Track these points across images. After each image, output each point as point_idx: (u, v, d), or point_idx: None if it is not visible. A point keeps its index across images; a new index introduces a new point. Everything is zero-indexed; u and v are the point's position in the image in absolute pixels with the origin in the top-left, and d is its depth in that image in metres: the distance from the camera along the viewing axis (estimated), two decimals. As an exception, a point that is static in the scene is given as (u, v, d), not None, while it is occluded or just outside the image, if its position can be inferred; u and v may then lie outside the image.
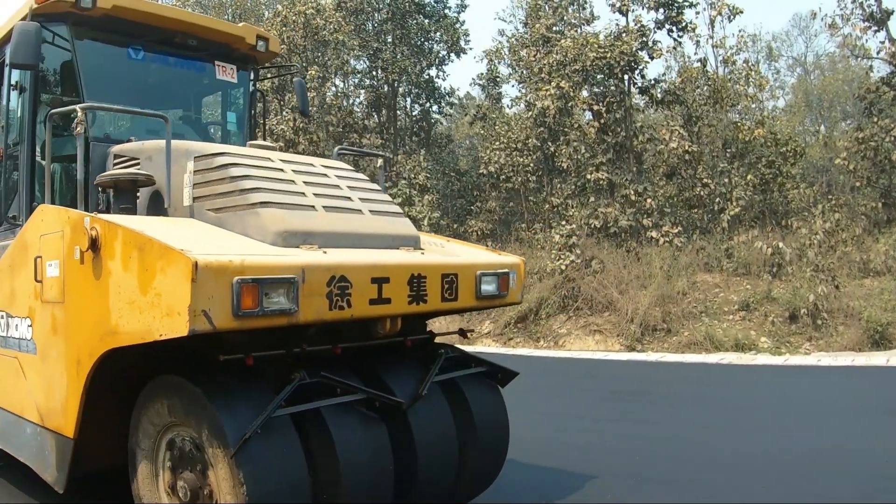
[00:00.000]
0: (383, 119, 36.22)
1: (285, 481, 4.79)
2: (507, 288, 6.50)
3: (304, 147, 29.77)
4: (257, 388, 5.02)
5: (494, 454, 6.70)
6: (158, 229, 4.81)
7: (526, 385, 14.31)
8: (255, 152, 6.16)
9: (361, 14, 34.53)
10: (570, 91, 25.40)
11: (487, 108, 33.47)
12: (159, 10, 7.90)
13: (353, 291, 5.00)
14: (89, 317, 5.12)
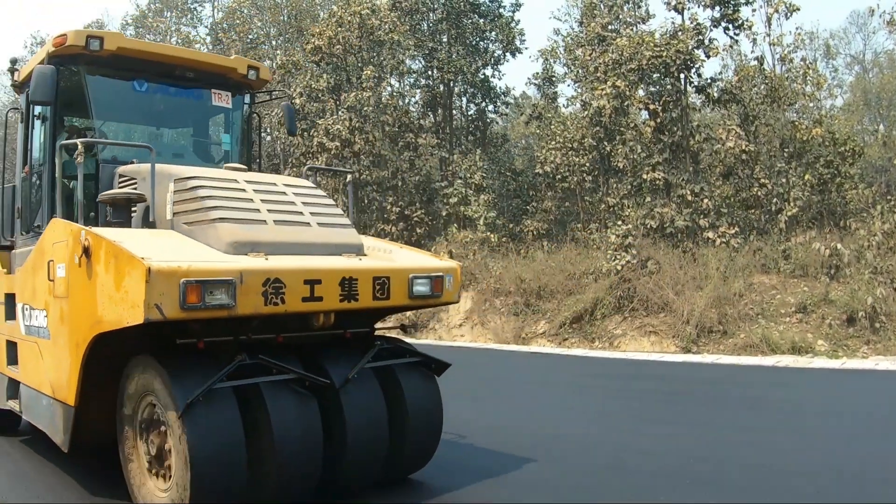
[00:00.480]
0: (439, 119, 36.35)
1: (223, 441, 6.08)
2: (442, 289, 7.72)
3: (360, 146, 29.99)
4: (208, 366, 6.29)
5: (427, 436, 7.83)
6: (132, 240, 6.21)
7: (581, 385, 14.41)
8: (224, 174, 7.60)
9: (416, 14, 34.68)
10: (625, 90, 25.33)
11: (543, 107, 33.42)
12: (158, 48, 9.56)
13: (287, 291, 6.29)
14: (84, 308, 6.52)
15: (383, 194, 32.26)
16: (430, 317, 26.40)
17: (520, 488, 7.57)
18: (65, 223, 7.12)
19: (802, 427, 10.16)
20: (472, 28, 34.65)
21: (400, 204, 31.98)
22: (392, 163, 32.08)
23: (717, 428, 10.14)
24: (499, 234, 28.62)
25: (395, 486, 7.82)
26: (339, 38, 31.24)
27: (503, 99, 36.39)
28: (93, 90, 8.62)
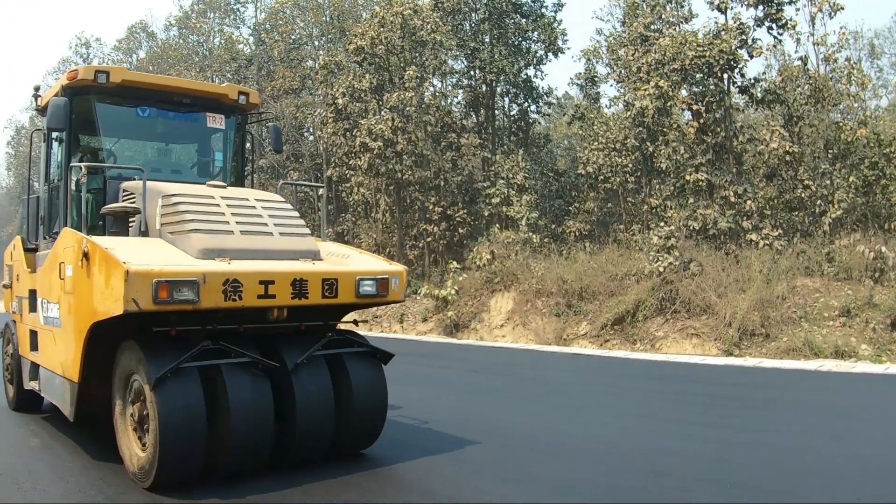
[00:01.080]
0: (481, 119, 36.42)
1: (187, 411, 7.45)
2: (388, 290, 8.96)
3: (402, 146, 30.12)
4: (179, 350, 7.66)
5: (372, 417, 9.03)
6: (120, 247, 7.64)
7: (621, 387, 14.41)
8: (203, 191, 9.02)
9: (458, 14, 34.78)
10: (668, 90, 25.28)
11: (586, 107, 33.44)
12: (157, 79, 11.07)
13: (244, 289, 7.61)
14: (84, 302, 8.02)
15: (426, 194, 32.39)
16: (472, 317, 26.48)
17: (545, 489, 7.61)
18: (72, 232, 8.73)
19: (845, 432, 10.13)
20: (514, 28, 34.71)
21: (442, 204, 32.10)
22: (434, 163, 32.21)
23: (759, 432, 10.12)
24: (541, 235, 28.68)
25: (345, 459, 8.90)
26: (382, 39, 31.39)
27: (545, 99, 36.44)
28: (102, 116, 10.27)
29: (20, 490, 7.99)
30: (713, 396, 13.26)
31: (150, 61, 59.79)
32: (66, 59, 71.70)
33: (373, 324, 30.74)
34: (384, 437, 9.39)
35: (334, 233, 40.27)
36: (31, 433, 10.75)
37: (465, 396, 13.96)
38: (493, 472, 8.37)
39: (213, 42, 53.09)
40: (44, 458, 9.39)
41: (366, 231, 36.55)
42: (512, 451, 9.27)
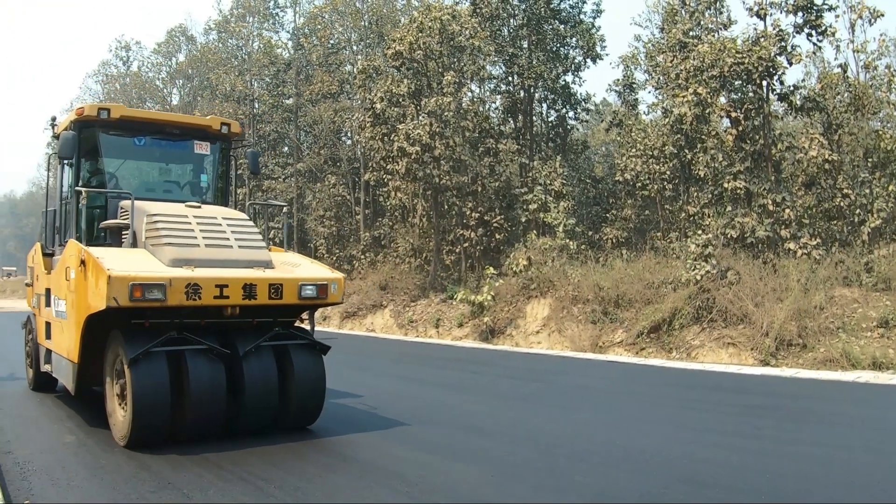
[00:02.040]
0: (519, 124, 36.42)
1: (155, 385, 9.68)
2: (327, 293, 10.95)
3: (440, 151, 30.18)
4: (151, 338, 9.84)
5: (312, 399, 11.08)
6: (108, 256, 9.81)
7: (656, 396, 14.43)
8: (179, 210, 11.22)
9: (497, 20, 34.76)
10: (707, 97, 25.17)
11: (624, 114, 33.37)
12: (151, 115, 14.15)
13: (203, 291, 9.75)
14: (81, 299, 10.19)
15: (463, 199, 32.43)
16: (508, 323, 26.52)
17: (583, 499, 7.67)
18: (75, 242, 10.95)
19: (882, 445, 10.13)
20: (552, 34, 34.65)
21: (479, 209, 32.15)
22: (472, 168, 32.26)
23: (796, 443, 10.13)
24: (578, 242, 28.63)
25: (291, 432, 10.89)
26: (420, 44, 31.45)
27: (583, 105, 36.29)
28: (105, 145, 12.56)
29: (55, 486, 8.26)
30: (749, 407, 13.26)
31: (189, 64, 60.30)
32: (106, 61, 72.57)
33: (408, 328, 30.86)
34: (410, 434, 9.55)
35: (371, 237, 40.49)
36: (66, 430, 11.25)
37: (498, 402, 14.06)
38: (526, 479, 8.46)
39: (252, 46, 53.39)
40: (78, 455, 9.72)
41: (402, 236, 36.67)
42: (547, 459, 9.35)
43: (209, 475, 8.52)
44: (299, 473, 8.64)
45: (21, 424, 11.83)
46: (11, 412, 12.91)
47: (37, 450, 9.98)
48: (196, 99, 59.51)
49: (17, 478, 8.54)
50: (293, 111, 49.41)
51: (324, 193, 44.53)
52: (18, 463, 9.21)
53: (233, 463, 9.10)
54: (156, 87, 65.52)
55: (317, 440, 10.51)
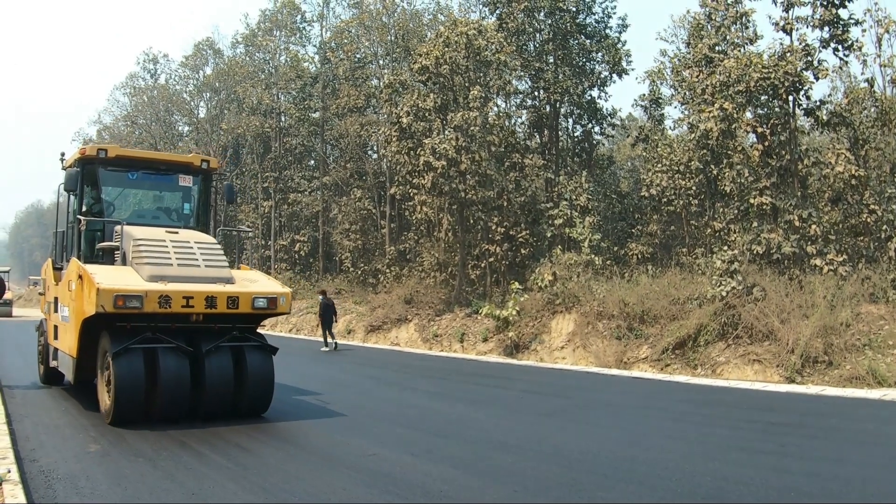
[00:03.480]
0: (545, 139, 36.45)
1: (132, 375, 12.18)
2: (276, 305, 13.42)
3: (466, 165, 30.22)
4: (131, 337, 12.33)
5: (262, 390, 13.47)
6: (99, 272, 12.35)
7: (681, 413, 14.38)
8: (158, 235, 13.69)
9: (523, 34, 34.89)
10: (733, 112, 25.11)
11: (650, 129, 33.31)
12: (141, 154, 17.52)
13: (173, 301, 12.27)
14: (78, 306, 12.81)
15: (488, 214, 32.45)
16: (532, 338, 26.49)
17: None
18: (75, 260, 13.84)
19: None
20: (578, 49, 34.71)
21: (505, 224, 32.17)
22: (498, 183, 32.27)
23: (821, 461, 10.11)
24: (603, 257, 28.61)
25: (245, 418, 13.19)
26: (446, 58, 31.53)
27: (609, 120, 36.29)
28: (103, 178, 15.22)
29: (79, 495, 8.36)
30: (774, 424, 13.20)
31: (216, 78, 60.61)
32: (133, 74, 72.98)
33: (433, 343, 30.87)
34: (434, 449, 9.54)
35: (396, 251, 40.56)
36: (91, 439, 11.52)
37: (522, 418, 14.05)
38: (549, 495, 8.50)
39: (279, 60, 53.69)
40: (103, 464, 9.81)
41: (428, 250, 36.72)
42: (570, 475, 9.36)
43: (234, 487, 8.56)
44: (339, 494, 8.65)
45: (46, 433, 12.01)
46: (37, 420, 13.13)
47: (61, 458, 10.12)
48: (223, 112, 59.90)
49: (41, 486, 8.69)
50: (319, 125, 49.72)
51: (349, 207, 44.72)
52: (43, 471, 9.35)
53: (258, 475, 9.03)
54: (183, 99, 65.93)
55: (342, 458, 10.53)
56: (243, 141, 57.31)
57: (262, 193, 53.64)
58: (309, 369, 22.78)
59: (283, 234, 51.97)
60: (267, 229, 52.94)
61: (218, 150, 59.10)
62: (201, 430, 12.12)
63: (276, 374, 13.77)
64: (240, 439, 11.58)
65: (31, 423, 12.75)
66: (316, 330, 38.96)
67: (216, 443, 11.24)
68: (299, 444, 11.50)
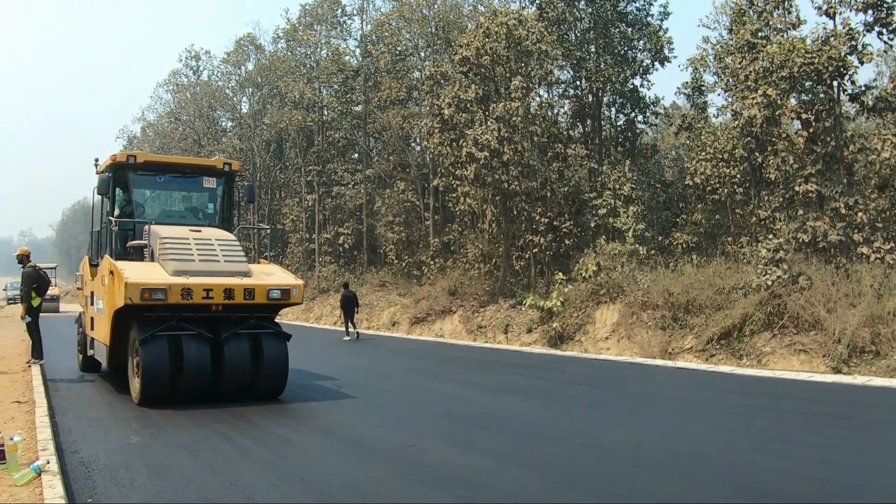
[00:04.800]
0: (588, 129, 36.29)
1: (158, 359, 13.50)
2: (290, 296, 14.62)
3: (508, 156, 30.16)
4: (157, 326, 13.59)
5: (277, 374, 14.70)
6: (129, 268, 13.72)
7: (725, 403, 14.30)
8: (182, 233, 14.91)
9: (564, 24, 34.71)
10: (777, 99, 24.82)
11: (693, 117, 33.01)
12: (168, 158, 19.85)
13: (194, 293, 13.47)
14: (111, 298, 14.15)
15: (532, 205, 32.35)
16: (577, 329, 26.44)
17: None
18: (108, 258, 15.03)
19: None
20: (619, 37, 34.49)
21: (549, 215, 32.07)
22: (541, 173, 32.17)
23: (868, 454, 10.02)
24: (647, 247, 28.45)
25: (263, 400, 14.45)
26: (487, 49, 31.48)
27: (652, 109, 36.00)
28: (133, 182, 16.47)
29: (118, 486, 8.53)
30: (819, 415, 13.12)
31: (258, 73, 60.92)
32: (176, 71, 73.60)
33: (477, 334, 30.89)
34: (475, 440, 9.75)
35: (440, 242, 40.56)
36: (132, 431, 11.79)
37: (564, 409, 14.09)
38: (588, 487, 8.53)
39: (320, 54, 53.87)
40: (142, 456, 9.97)
41: (472, 241, 36.72)
42: (610, 466, 9.40)
43: (273, 477, 8.62)
44: (379, 485, 8.71)
45: (88, 425, 12.27)
46: (80, 413, 13.41)
47: (102, 450, 10.31)
48: (265, 107, 60.19)
49: (81, 476, 8.86)
50: (362, 118, 49.84)
51: (393, 199, 44.81)
52: (84, 462, 9.54)
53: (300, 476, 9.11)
54: (225, 95, 66.36)
55: (383, 449, 10.56)
56: (286, 135, 57.67)
57: (306, 187, 53.87)
58: (350, 360, 22.97)
59: (327, 227, 52.13)
60: (311, 222, 53.17)
61: (261, 144, 59.52)
62: (243, 422, 12.32)
63: (317, 365, 14.87)
64: (282, 431, 11.75)
65: (74, 416, 13.02)
66: (361, 323, 39.23)
67: (258, 435, 11.40)
68: (340, 436, 11.57)
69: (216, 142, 65.59)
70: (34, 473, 8.46)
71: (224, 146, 63.78)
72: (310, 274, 50.78)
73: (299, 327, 38.36)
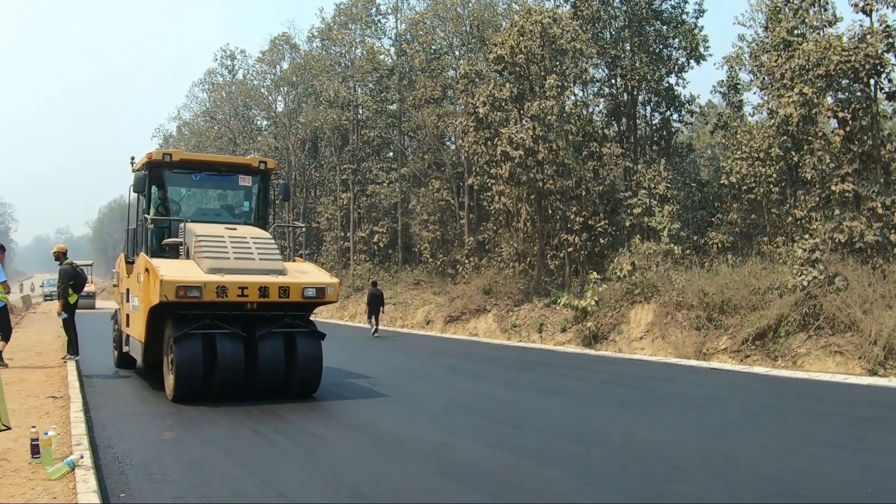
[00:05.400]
0: (623, 128, 36.17)
1: (191, 357, 13.53)
2: (325, 294, 14.48)
3: (543, 155, 30.15)
4: (191, 324, 13.64)
5: (311, 373, 14.63)
6: (164, 266, 13.72)
7: (759, 405, 14.23)
8: (217, 231, 14.93)
9: (598, 22, 34.62)
10: (813, 97, 24.66)
11: (728, 116, 32.78)
12: (204, 157, 20.39)
13: (229, 291, 13.47)
14: (146, 295, 14.18)
15: (567, 204, 32.31)
16: (611, 329, 26.41)
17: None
18: (143, 255, 15.13)
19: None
20: (654, 35, 34.30)
21: (583, 214, 32.03)
22: (576, 172, 32.13)
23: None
24: (682, 246, 28.35)
25: (297, 397, 14.46)
26: (522, 48, 31.46)
27: (688, 107, 35.78)
28: (169, 180, 16.58)
29: (151, 481, 8.64)
30: (854, 418, 13.07)
31: (293, 72, 61.19)
32: (211, 70, 74.14)
33: (511, 333, 30.91)
34: (508, 439, 9.85)
35: (475, 241, 40.55)
36: (166, 427, 11.92)
37: (598, 408, 14.16)
38: (621, 487, 8.55)
39: (354, 53, 54.05)
40: (175, 452, 10.12)
41: (506, 240, 36.73)
42: (643, 467, 9.40)
43: (306, 474, 8.67)
44: (411, 483, 8.76)
45: (122, 421, 12.44)
46: (115, 409, 13.60)
47: (136, 446, 10.46)
48: (300, 105, 60.46)
49: (114, 472, 8.99)
50: (397, 116, 49.95)
51: (428, 198, 44.89)
52: (117, 458, 9.67)
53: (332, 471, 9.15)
54: (261, 94, 66.75)
55: (415, 448, 10.61)
56: (321, 134, 57.94)
57: (341, 185, 54.07)
58: (384, 358, 23.02)
59: (361, 225, 52.31)
60: (346, 221, 53.38)
61: (296, 143, 59.80)
62: (277, 419, 12.43)
63: (351, 363, 14.90)
64: (314, 428, 11.89)
65: (108, 412, 13.19)
66: (395, 321, 39.26)
67: (291, 432, 11.52)
68: (373, 434, 11.66)
69: (251, 140, 66.00)
70: (68, 468, 8.57)
71: (259, 145, 64.19)
72: (344, 272, 51.02)
73: (333, 325, 38.62)
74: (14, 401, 13.24)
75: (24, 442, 9.75)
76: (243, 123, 69.38)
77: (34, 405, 13.40)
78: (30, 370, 18.37)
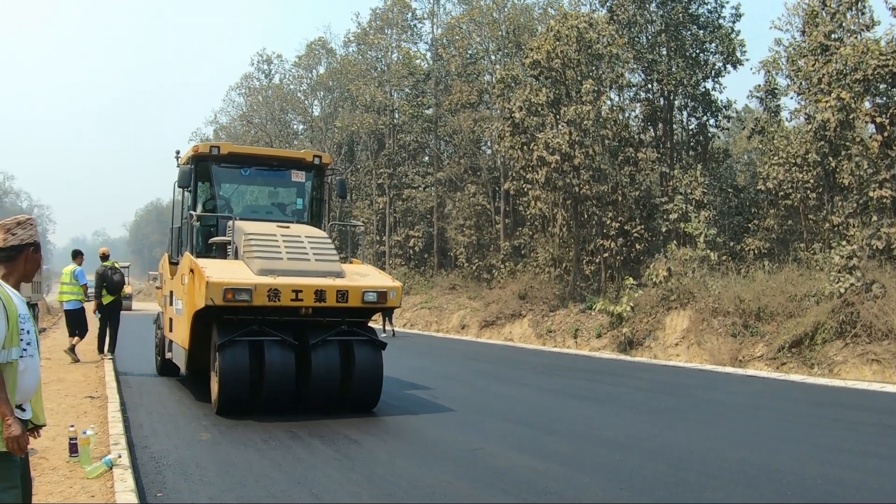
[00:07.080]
0: (659, 133, 36.08)
1: (237, 365, 12.42)
2: (386, 299, 13.28)
3: (579, 160, 30.16)
4: (238, 329, 12.57)
5: (371, 386, 13.44)
6: (210, 266, 12.61)
7: (795, 413, 14.19)
8: (269, 229, 13.91)
9: (634, 26, 34.58)
10: (851, 102, 24.54)
11: (766, 121, 32.60)
12: (254, 150, 18.34)
13: (282, 295, 12.35)
14: (191, 298, 13.09)
15: (603, 209, 32.31)
16: (646, 335, 26.36)
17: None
18: (188, 255, 14.08)
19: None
20: (691, 39, 34.16)
21: (620, 219, 32.00)
22: (612, 177, 32.13)
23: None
24: (719, 252, 28.27)
25: (355, 411, 13.39)
26: (558, 52, 31.49)
27: (724, 112, 35.60)
28: (216, 175, 15.59)
29: (187, 481, 8.80)
30: (891, 427, 13.00)
31: (329, 76, 61.49)
32: (248, 74, 74.64)
33: (546, 338, 30.91)
34: (542, 445, 9.89)
35: (511, 246, 40.63)
36: (203, 428, 12.06)
37: (633, 415, 14.10)
38: (655, 494, 8.58)
39: (390, 57, 54.25)
40: (212, 452, 10.28)
41: (542, 245, 36.74)
42: (678, 474, 9.40)
43: (340, 477, 8.74)
44: (444, 487, 8.82)
45: (159, 421, 12.66)
46: (151, 409, 13.81)
47: (172, 446, 10.67)
48: (336, 110, 60.78)
49: (151, 471, 9.17)
50: (433, 121, 50.10)
51: (464, 203, 45.00)
52: (154, 457, 9.86)
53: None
54: (297, 98, 67.15)
55: (449, 452, 10.64)
56: (357, 138, 58.20)
57: (377, 189, 54.32)
58: (419, 363, 23.15)
59: (397, 229, 52.49)
60: (382, 225, 53.60)
61: (332, 147, 60.05)
62: (312, 421, 12.51)
63: (386, 367, 13.76)
64: (349, 431, 11.92)
65: (145, 412, 13.40)
66: (430, 325, 39.33)
67: (326, 434, 11.61)
68: (407, 438, 11.80)
69: (288, 145, 66.29)
70: (106, 467, 8.75)
71: (296, 149, 64.46)
72: (380, 276, 50.95)
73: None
74: (52, 400, 13.55)
75: (62, 441, 9.97)
76: (279, 127, 69.78)
77: (72, 404, 13.68)
78: (67, 369, 18.76)
